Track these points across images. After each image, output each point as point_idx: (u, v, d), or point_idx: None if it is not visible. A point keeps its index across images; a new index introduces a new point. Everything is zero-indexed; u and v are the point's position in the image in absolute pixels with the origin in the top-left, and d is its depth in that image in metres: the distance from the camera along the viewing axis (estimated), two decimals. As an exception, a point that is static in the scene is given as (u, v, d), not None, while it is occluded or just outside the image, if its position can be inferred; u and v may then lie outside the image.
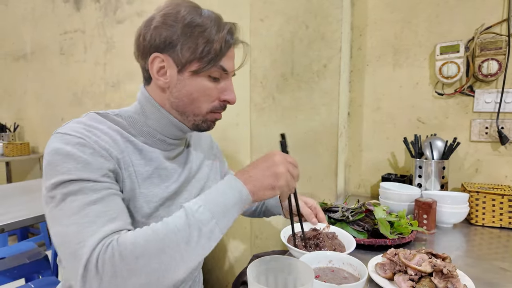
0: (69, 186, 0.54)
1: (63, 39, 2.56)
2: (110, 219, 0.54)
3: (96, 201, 0.55)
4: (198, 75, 0.67)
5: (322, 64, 1.35)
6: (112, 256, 0.49)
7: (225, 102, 0.72)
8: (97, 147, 0.59)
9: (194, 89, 0.68)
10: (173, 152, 0.76)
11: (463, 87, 1.29)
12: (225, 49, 0.66)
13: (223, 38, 0.65)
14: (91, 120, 0.65)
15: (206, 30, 0.64)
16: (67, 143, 0.57)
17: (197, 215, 0.54)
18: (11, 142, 2.84)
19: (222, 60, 0.67)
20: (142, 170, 0.67)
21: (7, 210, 1.33)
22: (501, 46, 1.20)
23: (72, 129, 0.60)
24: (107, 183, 0.58)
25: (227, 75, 0.71)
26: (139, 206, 0.65)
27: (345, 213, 0.93)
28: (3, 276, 1.37)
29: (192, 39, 0.64)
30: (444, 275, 0.62)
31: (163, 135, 0.72)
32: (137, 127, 0.70)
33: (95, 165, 0.57)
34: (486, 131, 1.26)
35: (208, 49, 0.64)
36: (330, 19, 1.31)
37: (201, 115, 0.71)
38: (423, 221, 1.00)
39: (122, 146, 0.65)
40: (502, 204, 1.06)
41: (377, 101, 1.47)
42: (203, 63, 0.65)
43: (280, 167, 0.62)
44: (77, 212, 0.53)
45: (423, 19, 1.35)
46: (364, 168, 1.53)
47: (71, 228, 0.52)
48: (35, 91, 2.83)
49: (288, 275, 0.56)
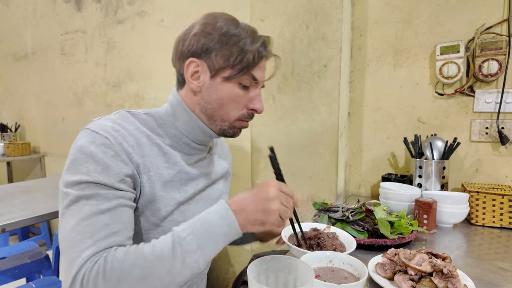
0: (85, 189, 0.58)
1: (64, 39, 2.56)
2: (111, 233, 0.57)
3: (104, 211, 0.57)
4: (229, 82, 0.70)
5: (323, 64, 1.35)
6: (97, 276, 0.51)
7: (252, 111, 0.74)
8: (120, 150, 0.62)
9: (225, 94, 0.70)
10: (195, 157, 0.78)
11: (464, 87, 1.29)
12: (257, 60, 0.69)
13: (256, 49, 0.69)
14: (121, 118, 0.68)
15: (241, 40, 0.68)
16: (93, 142, 0.60)
17: (184, 244, 0.55)
18: (12, 142, 2.84)
19: (253, 70, 0.70)
20: (165, 173, 0.70)
21: (8, 210, 1.33)
22: (502, 46, 1.20)
23: (101, 127, 0.63)
24: (121, 191, 0.61)
25: (257, 85, 0.73)
26: (156, 209, 0.68)
27: (345, 213, 0.94)
28: (4, 275, 1.37)
29: (227, 47, 0.68)
30: (444, 275, 0.62)
31: (189, 139, 0.75)
32: (165, 128, 0.73)
33: (114, 169, 0.60)
34: (487, 131, 1.26)
35: (241, 58, 0.68)
36: (331, 19, 1.32)
37: (228, 122, 0.73)
38: (423, 221, 1.00)
39: (146, 149, 0.67)
40: (503, 204, 1.06)
41: (378, 101, 1.48)
42: (235, 70, 0.68)
43: (272, 204, 0.60)
44: (84, 218, 0.56)
45: (423, 19, 1.35)
46: (365, 168, 1.54)
47: (73, 235, 0.55)
48: (36, 91, 2.84)
49: (288, 275, 0.56)
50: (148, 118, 0.73)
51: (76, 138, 0.63)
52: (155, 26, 2.04)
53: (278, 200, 0.61)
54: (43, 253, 1.52)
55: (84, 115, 2.51)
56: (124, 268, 0.52)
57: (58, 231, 0.59)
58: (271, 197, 0.60)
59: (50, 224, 2.84)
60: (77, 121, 2.57)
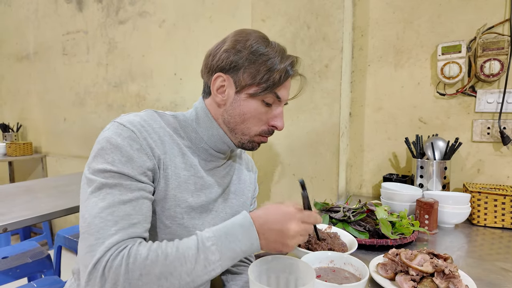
0: (109, 178, 0.60)
1: (65, 39, 2.57)
2: (132, 224, 0.59)
3: (126, 202, 0.60)
4: (253, 98, 0.72)
5: (324, 64, 1.35)
6: (120, 266, 0.53)
7: (273, 128, 0.76)
8: (144, 144, 0.65)
9: (247, 110, 0.72)
10: (212, 164, 0.79)
11: (465, 87, 1.29)
12: (283, 80, 0.71)
13: (284, 70, 0.70)
14: (148, 116, 0.71)
15: (270, 60, 0.70)
16: (120, 134, 0.64)
17: (208, 253, 0.57)
18: (14, 142, 2.85)
19: (278, 89, 0.72)
20: (182, 173, 0.72)
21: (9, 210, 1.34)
22: (503, 46, 1.19)
23: (129, 121, 0.66)
24: (142, 184, 0.64)
25: (280, 103, 0.75)
26: (166, 207, 0.69)
27: (346, 213, 0.93)
28: (5, 275, 1.37)
29: (256, 65, 0.70)
30: (446, 275, 0.62)
31: (208, 145, 0.76)
32: (186, 131, 0.76)
33: (137, 162, 0.63)
34: (488, 131, 1.26)
35: (268, 77, 0.69)
36: (332, 20, 1.32)
37: (248, 136, 0.75)
38: (425, 222, 1.00)
39: (168, 147, 0.70)
40: (504, 205, 1.05)
41: (379, 101, 1.47)
42: (260, 88, 0.70)
43: (292, 241, 0.61)
44: (107, 207, 0.58)
45: (425, 19, 1.35)
46: (366, 168, 1.53)
47: (96, 221, 0.57)
48: (38, 91, 2.85)
49: (289, 275, 0.56)
50: (173, 119, 0.76)
51: (104, 129, 0.67)
52: (156, 26, 2.05)
53: (299, 235, 0.61)
54: (44, 252, 1.53)
55: (85, 115, 2.52)
56: (147, 263, 0.54)
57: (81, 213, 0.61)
58: (291, 235, 0.60)
59: (51, 224, 2.84)
60: (78, 121, 2.58)
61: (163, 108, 2.08)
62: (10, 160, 2.87)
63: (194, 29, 1.88)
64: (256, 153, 1.55)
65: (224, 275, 0.93)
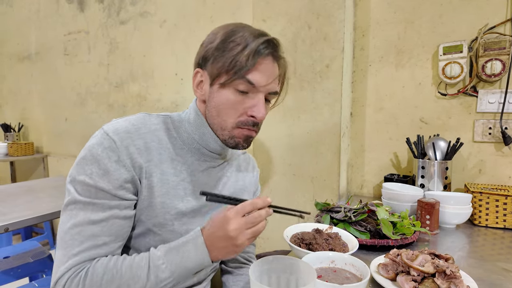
0: (85, 193, 0.62)
1: (67, 39, 2.57)
2: (97, 245, 0.61)
3: (96, 222, 0.61)
4: (225, 88, 0.67)
5: (325, 64, 1.35)
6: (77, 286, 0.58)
7: (252, 118, 0.69)
8: (124, 155, 0.64)
9: (220, 101, 0.68)
10: (206, 164, 0.76)
11: (466, 87, 1.28)
12: (251, 62, 0.64)
13: (253, 50, 0.64)
14: (138, 120, 0.70)
15: (240, 44, 0.65)
16: (101, 144, 0.64)
17: (159, 273, 0.60)
18: (16, 142, 2.86)
19: (249, 73, 0.65)
20: (170, 179, 0.70)
21: (11, 210, 1.34)
22: (505, 46, 1.19)
23: (114, 129, 0.66)
24: (117, 201, 0.64)
25: (257, 90, 0.67)
26: (154, 215, 0.68)
27: (347, 213, 0.93)
28: (7, 275, 1.38)
29: (225, 53, 0.66)
30: (447, 276, 0.62)
31: (200, 144, 0.74)
32: (179, 131, 0.74)
33: (114, 175, 0.63)
34: (490, 132, 1.26)
35: (236, 61, 0.64)
36: (333, 20, 1.31)
37: (227, 130, 0.70)
38: (426, 222, 1.00)
39: (154, 153, 0.68)
40: (506, 205, 1.05)
41: (380, 101, 1.47)
42: (229, 75, 0.65)
43: (239, 240, 0.59)
44: (77, 224, 0.61)
45: (426, 19, 1.34)
46: (367, 168, 1.53)
47: (66, 237, 0.61)
48: (40, 91, 2.85)
49: (290, 275, 0.56)
50: (166, 119, 0.74)
51: (93, 135, 0.67)
52: (157, 27, 2.05)
53: (242, 231, 0.59)
54: (46, 252, 1.53)
55: (87, 115, 2.52)
56: (103, 283, 0.59)
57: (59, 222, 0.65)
58: (234, 235, 0.58)
59: (53, 224, 2.85)
60: (80, 121, 2.58)
61: (164, 108, 2.08)
62: (11, 160, 2.87)
63: (195, 29, 1.88)
64: (256, 153, 1.55)
65: (224, 276, 0.93)
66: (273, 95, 0.72)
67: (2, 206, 1.40)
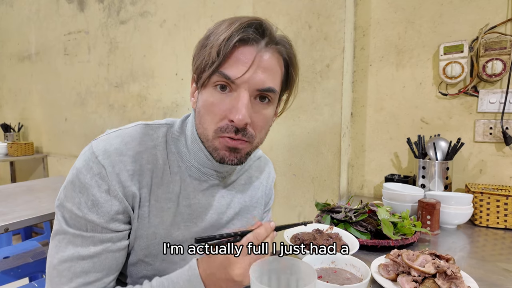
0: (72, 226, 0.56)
1: (67, 39, 2.57)
2: (87, 282, 0.56)
3: (86, 258, 0.56)
4: (205, 88, 0.57)
5: (325, 64, 1.34)
6: None
7: (231, 123, 0.55)
8: (115, 183, 0.56)
9: (201, 104, 0.58)
10: (207, 183, 0.65)
11: (467, 87, 1.28)
12: (226, 51, 0.53)
13: (225, 39, 0.52)
14: (133, 136, 0.60)
15: (213, 35, 0.55)
16: (90, 169, 0.56)
17: None
18: (16, 142, 2.86)
19: (223, 65, 0.54)
20: (165, 206, 0.61)
21: (11, 210, 1.34)
22: (506, 46, 1.19)
23: (105, 150, 0.57)
24: (109, 234, 0.57)
25: (236, 86, 0.54)
26: (144, 246, 0.61)
27: (348, 213, 0.93)
28: (7, 275, 1.37)
29: (201, 51, 0.56)
30: (448, 276, 0.62)
31: (197, 162, 0.63)
32: (178, 145, 0.64)
33: (104, 207, 0.56)
34: (491, 132, 1.25)
35: (210, 55, 0.54)
36: (333, 19, 1.31)
37: (209, 141, 0.58)
38: (427, 222, 1.00)
39: (148, 178, 0.59)
40: (507, 205, 1.05)
41: (380, 101, 1.47)
42: (206, 73, 0.55)
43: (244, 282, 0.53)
44: (66, 260, 0.55)
45: (426, 19, 1.34)
46: (367, 168, 1.53)
47: (54, 272, 0.56)
48: (40, 91, 2.85)
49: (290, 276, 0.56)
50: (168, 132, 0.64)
51: (82, 151, 0.59)
52: (157, 26, 2.05)
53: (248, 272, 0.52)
54: (45, 252, 1.52)
55: (87, 115, 2.52)
56: None
57: None
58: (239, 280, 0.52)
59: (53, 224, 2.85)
60: (80, 121, 2.58)
61: (164, 108, 2.08)
62: (11, 160, 2.87)
63: (195, 29, 1.88)
64: (257, 153, 1.55)
65: None
66: (270, 93, 0.57)
67: (2, 206, 1.39)
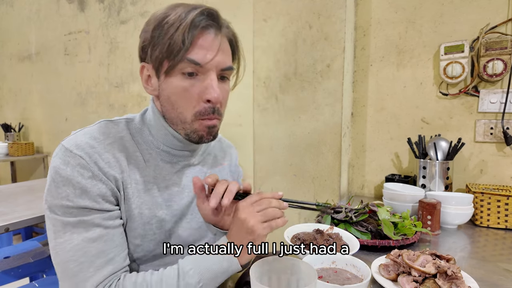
0: (69, 215, 0.56)
1: (67, 39, 2.58)
2: (107, 260, 0.57)
3: (96, 239, 0.57)
4: (171, 76, 0.60)
5: (326, 64, 1.34)
6: None
7: (208, 104, 0.62)
8: (96, 170, 0.58)
9: (170, 92, 0.62)
10: (180, 164, 0.71)
11: (468, 87, 1.28)
12: (189, 38, 0.57)
13: (187, 25, 0.57)
14: (99, 131, 0.64)
15: (174, 24, 0.58)
16: (68, 163, 0.57)
17: (187, 278, 0.57)
18: (16, 142, 2.86)
19: (190, 52, 0.58)
20: (145, 188, 0.65)
21: (11, 210, 1.34)
22: (507, 46, 1.19)
23: (76, 144, 0.59)
24: (106, 213, 0.59)
25: (205, 70, 0.60)
26: (134, 227, 0.64)
27: (348, 213, 0.93)
28: (7, 275, 1.38)
29: (160, 38, 0.59)
30: (448, 276, 0.61)
31: (166, 146, 0.68)
32: (143, 135, 0.68)
33: (93, 191, 0.57)
34: (491, 132, 1.25)
35: (173, 43, 0.57)
36: (334, 19, 1.31)
37: (187, 123, 0.63)
38: (427, 222, 1.00)
39: (124, 164, 0.63)
40: (507, 205, 1.05)
41: (381, 101, 1.47)
42: (170, 60, 0.59)
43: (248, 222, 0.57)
44: (77, 249, 0.56)
45: (427, 19, 1.34)
46: (368, 168, 1.53)
47: (70, 265, 0.55)
48: (40, 91, 2.85)
49: (291, 276, 0.56)
50: (130, 125, 0.69)
51: (53, 153, 0.60)
52: (158, 26, 2.05)
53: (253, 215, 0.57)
54: (46, 252, 1.53)
55: (87, 115, 2.52)
56: None
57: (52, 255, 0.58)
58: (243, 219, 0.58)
59: (53, 224, 2.85)
60: (80, 121, 2.58)
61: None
62: (12, 160, 2.88)
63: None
64: (257, 153, 1.55)
65: None
66: (228, 71, 0.65)
67: (3, 206, 1.39)
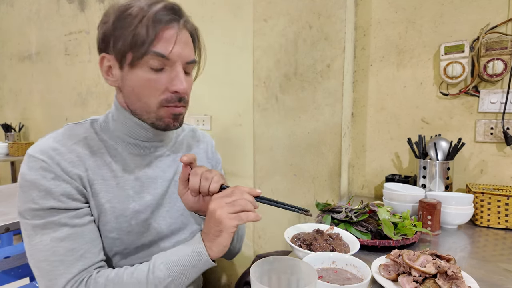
0: (37, 218, 0.58)
1: (67, 39, 2.58)
2: (77, 257, 0.58)
3: (64, 239, 0.58)
4: (136, 67, 0.61)
5: (326, 64, 1.34)
6: None
7: (176, 94, 0.64)
8: (59, 171, 0.60)
9: (135, 83, 0.62)
10: (150, 156, 0.72)
11: (468, 87, 1.28)
12: (152, 31, 0.59)
13: (151, 18, 0.58)
14: (63, 134, 0.66)
15: (137, 17, 0.59)
16: (31, 167, 0.59)
17: (157, 272, 0.58)
18: (16, 142, 2.86)
19: (155, 45, 0.60)
20: (113, 182, 0.66)
21: (12, 210, 1.34)
22: (507, 46, 1.19)
23: (40, 149, 0.61)
24: (73, 211, 0.60)
25: (171, 62, 0.62)
26: (107, 221, 0.65)
27: (348, 213, 0.93)
28: (7, 275, 1.38)
29: (123, 30, 0.59)
30: (449, 276, 0.61)
31: (134, 138, 0.69)
32: (109, 132, 0.69)
33: (57, 191, 0.59)
34: (491, 132, 1.25)
35: (137, 36, 0.58)
36: (334, 19, 1.31)
37: (152, 112, 0.64)
38: (427, 222, 1.00)
39: (89, 162, 0.64)
40: (508, 206, 1.05)
41: (381, 101, 1.47)
42: (134, 52, 0.60)
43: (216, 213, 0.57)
44: (47, 249, 0.57)
45: (427, 19, 1.34)
46: (368, 168, 1.53)
47: (43, 265, 0.57)
48: (40, 91, 2.85)
49: (291, 276, 0.56)
50: (93, 124, 0.70)
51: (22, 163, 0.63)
52: (158, 27, 2.05)
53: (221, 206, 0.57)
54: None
55: (87, 115, 2.49)
56: None
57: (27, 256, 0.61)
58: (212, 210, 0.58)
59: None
60: (80, 121, 2.58)
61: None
62: (12, 160, 2.88)
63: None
64: (257, 153, 1.55)
65: None
66: (191, 64, 0.67)
67: (3, 206, 1.39)
